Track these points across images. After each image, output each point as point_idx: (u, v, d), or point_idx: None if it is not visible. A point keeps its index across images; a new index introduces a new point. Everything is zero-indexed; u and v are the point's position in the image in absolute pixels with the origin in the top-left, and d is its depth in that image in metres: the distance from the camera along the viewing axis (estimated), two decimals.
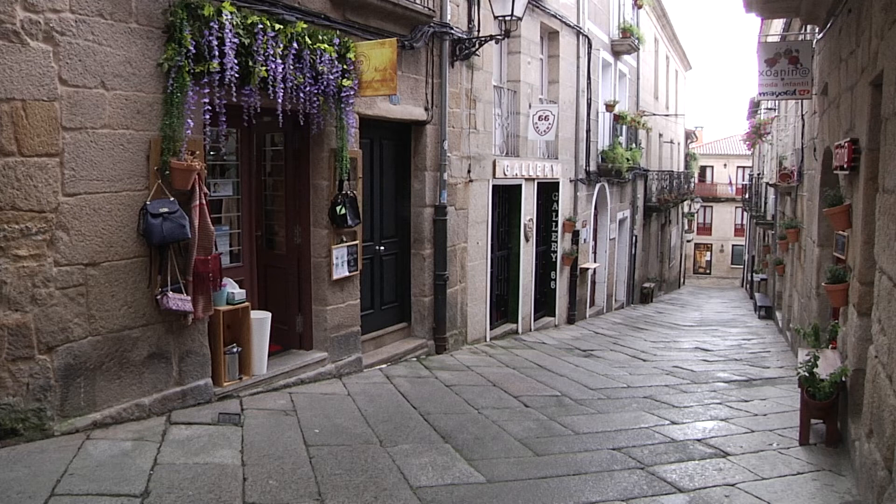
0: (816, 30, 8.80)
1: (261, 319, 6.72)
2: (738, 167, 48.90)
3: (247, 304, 6.50)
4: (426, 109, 9.01)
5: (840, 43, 6.74)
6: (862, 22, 5.52)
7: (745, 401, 7.53)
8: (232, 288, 6.41)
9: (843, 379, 5.53)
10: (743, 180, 42.04)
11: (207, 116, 5.69)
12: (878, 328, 4.26)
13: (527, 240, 12.72)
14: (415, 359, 8.90)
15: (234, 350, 6.37)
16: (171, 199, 5.46)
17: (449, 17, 9.21)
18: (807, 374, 5.62)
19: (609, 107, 17.29)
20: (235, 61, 5.71)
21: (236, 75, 5.74)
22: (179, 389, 5.75)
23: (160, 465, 4.63)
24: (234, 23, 5.74)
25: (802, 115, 11.49)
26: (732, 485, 4.86)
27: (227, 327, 6.31)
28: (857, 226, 5.70)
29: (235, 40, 5.72)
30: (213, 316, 6.03)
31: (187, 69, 5.46)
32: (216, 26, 5.57)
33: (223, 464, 4.76)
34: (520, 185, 12.29)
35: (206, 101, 5.64)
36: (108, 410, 5.21)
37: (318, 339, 7.49)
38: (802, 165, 11.58)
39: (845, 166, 5.87)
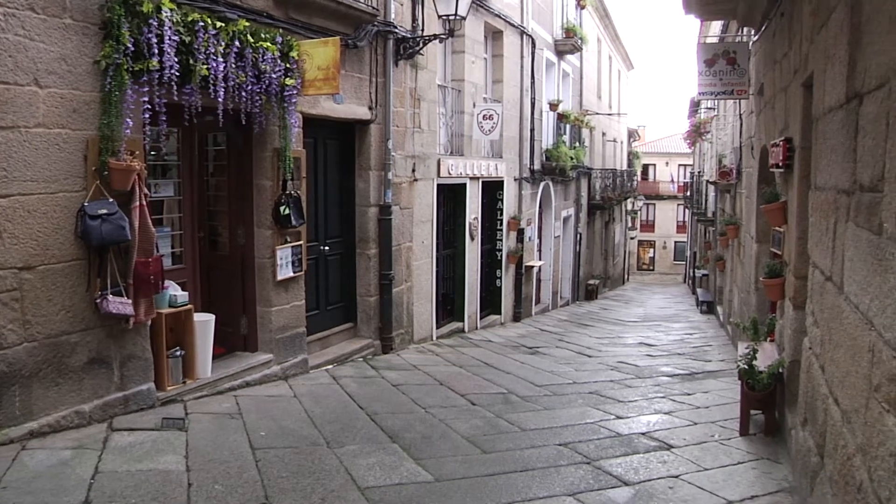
0: (752, 32, 9.02)
1: (204, 322, 6.61)
2: (679, 165, 49.84)
3: (190, 306, 6.39)
4: (370, 108, 8.97)
5: (774, 45, 6.93)
6: (794, 26, 5.68)
7: (688, 394, 7.69)
8: (174, 290, 6.29)
9: (781, 370, 5.69)
10: (684, 178, 42.82)
11: (147, 115, 5.56)
12: (811, 320, 4.39)
13: (472, 239, 12.77)
14: (361, 359, 8.86)
15: (178, 353, 6.25)
16: (111, 200, 5.34)
17: (393, 16, 9.19)
18: (746, 367, 5.77)
19: (553, 106, 17.46)
20: (175, 59, 5.60)
21: (176, 74, 5.63)
22: (121, 395, 5.62)
23: (101, 473, 4.52)
24: (174, 20, 5.63)
25: (740, 115, 11.76)
26: (676, 476, 4.96)
27: (169, 330, 6.19)
28: (791, 222, 5.86)
29: (175, 38, 5.61)
30: (155, 319, 5.91)
31: (126, 67, 5.33)
32: (155, 23, 5.45)
33: (167, 470, 4.67)
34: (465, 184, 12.33)
35: (146, 99, 5.51)
36: (45, 419, 5.06)
37: (263, 341, 7.40)
38: (741, 163, 11.85)
39: (780, 164, 6.03)
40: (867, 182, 2.92)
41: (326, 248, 8.81)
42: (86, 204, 5.21)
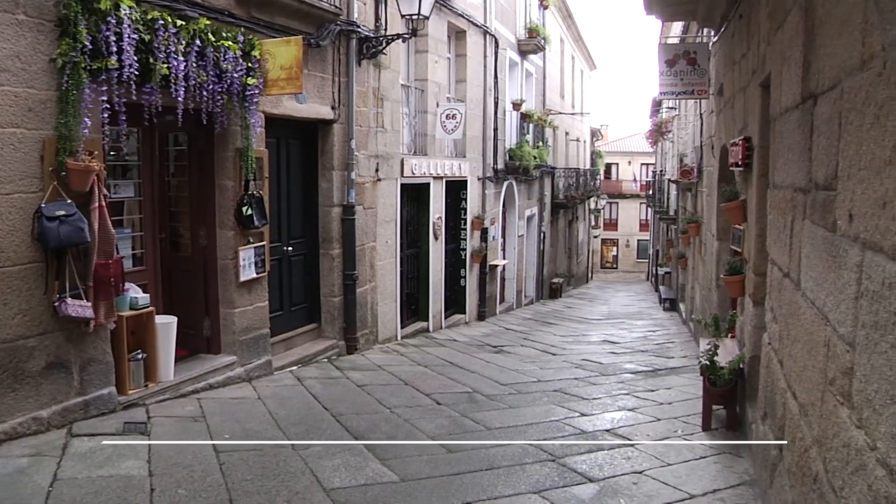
0: (712, 33, 9.15)
1: (166, 324, 6.53)
2: (642, 164, 50.32)
3: (151, 308, 6.31)
4: (333, 108, 8.93)
5: (733, 46, 7.03)
6: (752, 27, 5.77)
7: (652, 390, 7.77)
8: (135, 292, 6.20)
9: (741, 366, 5.78)
10: (647, 177, 43.22)
11: (106, 115, 5.47)
12: (770, 316, 4.47)
13: (436, 238, 12.77)
14: (326, 360, 8.82)
15: (139, 356, 6.16)
16: (69, 201, 5.24)
17: (356, 15, 9.16)
18: (708, 363, 5.85)
19: (516, 105, 17.54)
20: (135, 58, 5.53)
21: (136, 73, 5.55)
22: (81, 400, 5.52)
23: (60, 480, 4.44)
24: (134, 18, 5.55)
25: (701, 115, 11.94)
26: (640, 472, 5.01)
27: (130, 333, 6.10)
28: (751, 220, 5.96)
29: (135, 36, 5.54)
30: (115, 322, 5.82)
31: (83, 65, 5.24)
32: (114, 21, 5.37)
33: (129, 475, 4.60)
34: (428, 184, 12.33)
35: (105, 98, 5.42)
36: (1, 426, 4.95)
37: (226, 343, 7.33)
38: (701, 162, 12.03)
39: (740, 163, 6.12)
40: (822, 180, 2.98)
41: (290, 248, 8.75)
42: (43, 205, 5.11)
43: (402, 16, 9.57)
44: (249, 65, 6.82)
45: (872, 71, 2.28)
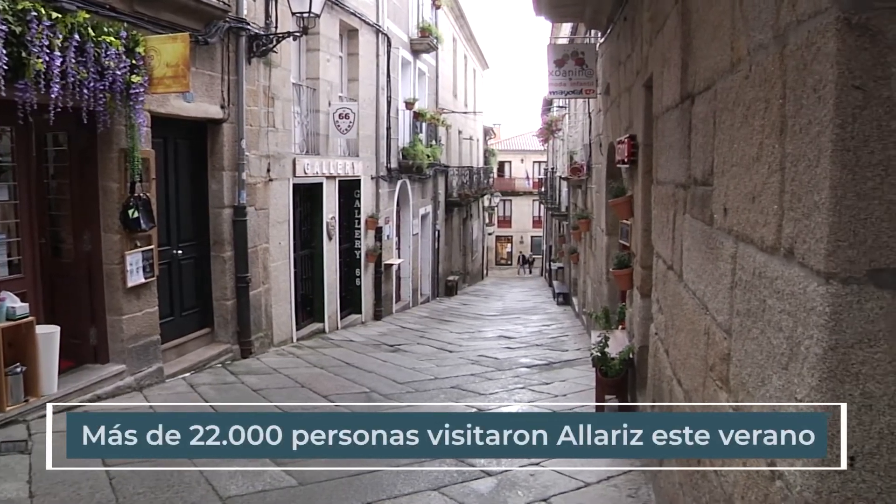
0: (599, 34, 9.43)
1: (48, 334, 6.21)
2: (534, 162, 51.25)
3: (31, 318, 5.99)
4: (222, 107, 8.73)
5: (619, 47, 7.28)
6: (635, 30, 5.99)
7: (547, 383, 7.95)
8: (12, 302, 5.87)
9: (631, 356, 5.99)
10: (539, 174, 44.05)
11: None
12: (657, 308, 4.65)
13: (330, 238, 12.68)
14: (220, 364, 8.61)
15: (18, 370, 5.83)
16: None
17: (245, 12, 8.98)
18: (599, 354, 6.03)
19: (409, 104, 17.59)
20: (4, 51, 5.23)
21: (6, 67, 5.25)
22: None
23: None
24: (2, 8, 5.25)
25: (589, 113, 12.27)
26: (537, 464, 5.12)
27: (8, 345, 5.77)
28: (637, 215, 6.18)
29: (3, 27, 5.23)
30: None
31: None
32: None
33: (7, 499, 4.36)
34: (321, 184, 12.22)
35: None
36: None
37: (114, 352, 7.05)
38: (591, 160, 12.37)
39: (626, 160, 6.34)
40: (700, 176, 3.13)
41: (179, 251, 8.50)
42: None
43: (293, 13, 9.44)
44: (133, 62, 6.57)
45: (740, 73, 2.42)
